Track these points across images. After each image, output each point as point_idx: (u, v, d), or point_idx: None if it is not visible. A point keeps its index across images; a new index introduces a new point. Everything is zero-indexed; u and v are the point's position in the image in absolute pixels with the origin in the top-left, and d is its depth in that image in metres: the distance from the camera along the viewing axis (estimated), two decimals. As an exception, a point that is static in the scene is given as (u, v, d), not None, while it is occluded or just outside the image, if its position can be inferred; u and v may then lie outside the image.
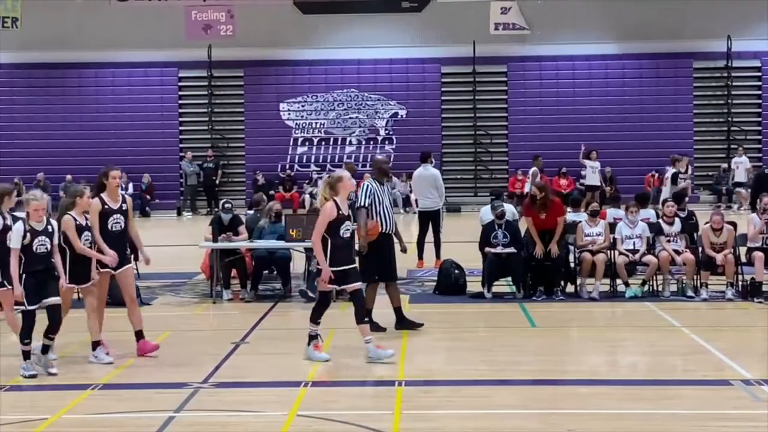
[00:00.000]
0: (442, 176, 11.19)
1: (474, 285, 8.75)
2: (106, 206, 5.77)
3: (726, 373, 5.12)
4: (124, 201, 5.82)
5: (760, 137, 20.19)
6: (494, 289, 8.52)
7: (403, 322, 6.61)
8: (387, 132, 20.47)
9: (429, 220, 10.78)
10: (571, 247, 8.27)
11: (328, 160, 20.09)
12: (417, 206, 12.19)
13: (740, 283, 7.85)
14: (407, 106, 20.60)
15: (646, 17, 20.02)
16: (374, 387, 5.17)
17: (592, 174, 17.96)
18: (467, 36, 20.24)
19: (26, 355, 5.06)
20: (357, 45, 20.76)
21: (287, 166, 20.11)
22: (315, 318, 5.55)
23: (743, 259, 7.92)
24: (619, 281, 7.94)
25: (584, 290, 7.92)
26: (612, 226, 8.40)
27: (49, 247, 5.10)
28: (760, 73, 20.56)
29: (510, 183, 18.72)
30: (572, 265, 8.35)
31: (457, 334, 7.26)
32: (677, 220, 8.26)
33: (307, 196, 18.58)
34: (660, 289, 8.00)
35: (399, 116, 20.51)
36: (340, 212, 5.50)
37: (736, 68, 20.41)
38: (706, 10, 19.93)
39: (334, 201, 5.48)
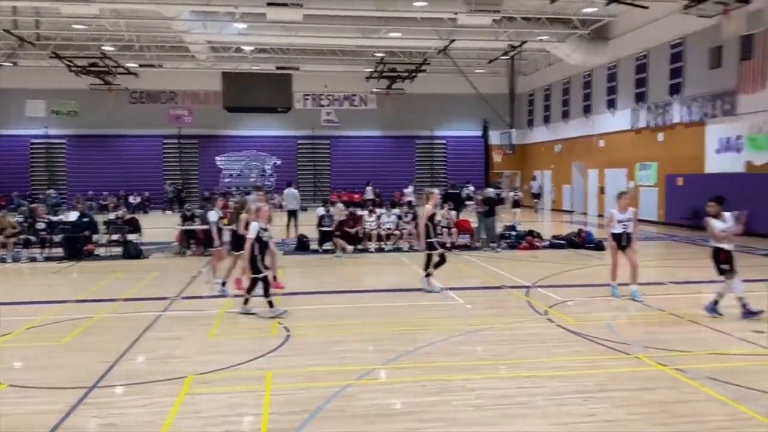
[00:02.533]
0: (299, 193, 21.85)
1: (314, 245, 17.17)
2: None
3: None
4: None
5: (445, 179, 41.38)
6: (324, 248, 16.81)
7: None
8: (270, 172, 39.71)
9: (292, 215, 19.33)
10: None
11: (240, 186, 38.85)
12: (285, 208, 20.45)
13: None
14: (281, 158, 39.81)
15: (394, 119, 40.30)
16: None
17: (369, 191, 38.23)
18: (310, 125, 39.63)
19: None
20: (256, 128, 38.81)
21: (218, 188, 38.72)
22: None
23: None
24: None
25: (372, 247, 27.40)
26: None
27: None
28: (446, 148, 41.82)
29: (331, 195, 38.52)
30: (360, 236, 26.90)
31: (303, 268, 14.91)
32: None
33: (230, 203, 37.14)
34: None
35: (277, 164, 39.79)
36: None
37: (435, 144, 41.80)
38: (421, 115, 40.28)
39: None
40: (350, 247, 16.61)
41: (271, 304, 9.26)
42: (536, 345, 7.66)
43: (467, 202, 27.85)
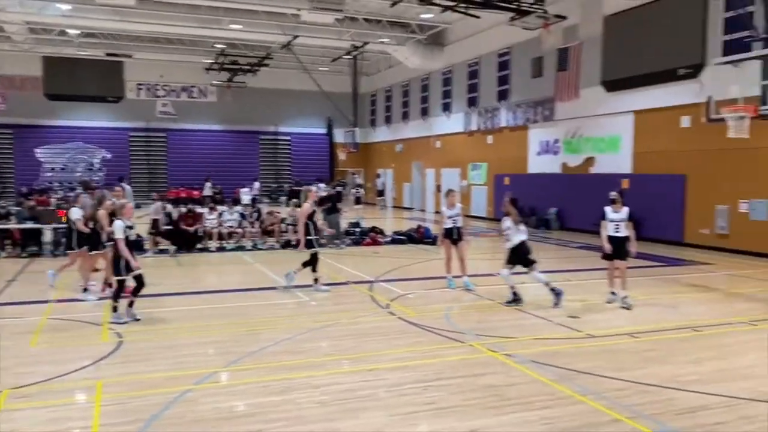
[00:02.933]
0: (131, 189, 27.80)
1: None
2: None
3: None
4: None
5: (290, 176, 41.30)
6: (161, 247, 19.03)
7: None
8: (99, 166, 36.93)
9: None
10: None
11: (65, 181, 35.74)
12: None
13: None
14: (111, 152, 37.16)
15: (236, 113, 39.42)
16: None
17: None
18: (144, 116, 37.47)
19: None
20: (83, 119, 35.87)
21: (40, 183, 35.27)
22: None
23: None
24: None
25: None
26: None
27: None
28: (290, 145, 41.79)
29: (168, 192, 36.72)
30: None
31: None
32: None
33: (53, 200, 34.03)
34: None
35: (106, 158, 37.10)
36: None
37: (280, 141, 41.55)
38: (264, 111, 39.82)
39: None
40: (173, 248, 15.87)
41: (115, 309, 8.65)
42: (379, 338, 7.88)
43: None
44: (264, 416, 5.31)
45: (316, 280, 10.97)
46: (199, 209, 18.53)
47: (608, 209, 9.66)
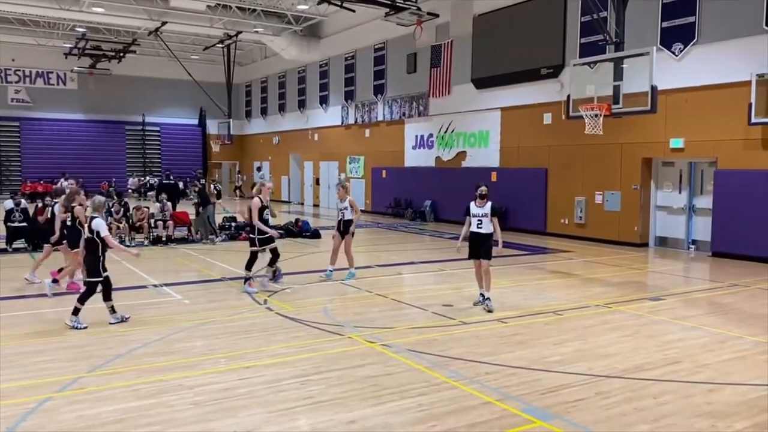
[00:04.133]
0: None
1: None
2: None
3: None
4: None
5: (159, 168, 39.42)
6: (15, 246, 22.87)
7: None
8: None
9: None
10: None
11: None
12: None
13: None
14: (-47, 141, 33.61)
15: (100, 102, 37.11)
16: None
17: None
18: (-8, 103, 34.55)
19: None
20: None
21: None
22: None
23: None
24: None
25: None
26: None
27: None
28: (160, 135, 39.98)
29: (23, 186, 33.82)
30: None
31: None
32: None
33: None
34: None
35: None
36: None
37: (148, 131, 39.55)
38: (131, 100, 37.92)
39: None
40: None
41: (114, 309, 8.23)
42: (256, 335, 7.74)
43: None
44: (134, 421, 5.05)
45: (248, 279, 10.50)
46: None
47: (472, 204, 9.25)
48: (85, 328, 7.91)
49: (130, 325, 8.19)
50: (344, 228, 11.34)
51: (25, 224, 15.29)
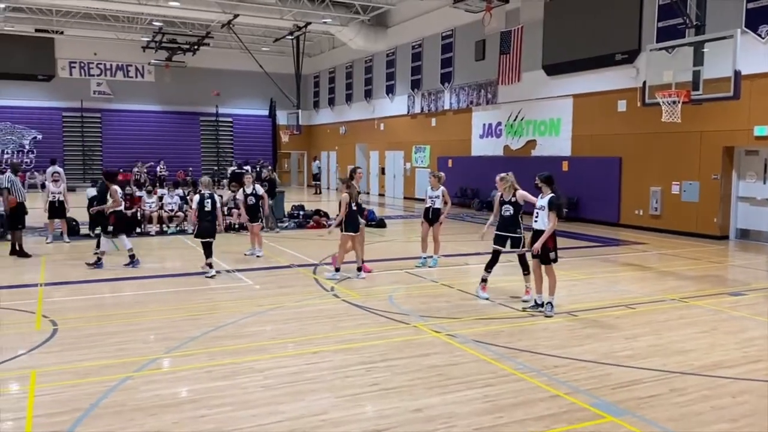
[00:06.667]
0: (64, 171, 26.95)
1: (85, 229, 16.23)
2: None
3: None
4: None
5: (232, 158, 40.49)
6: (97, 232, 18.20)
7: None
8: (30, 148, 35.30)
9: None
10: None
11: (-8, 162, 33.95)
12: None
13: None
14: (43, 132, 35.62)
15: (176, 93, 38.40)
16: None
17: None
18: (77, 96, 36.07)
19: None
20: (10, 98, 34.16)
21: None
22: None
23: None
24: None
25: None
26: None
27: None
28: (232, 126, 40.95)
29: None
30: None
31: (71, 255, 14.88)
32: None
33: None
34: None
35: (37, 139, 35.51)
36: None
37: (222, 122, 40.65)
38: (205, 91, 38.97)
39: None
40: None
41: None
42: (323, 321, 7.87)
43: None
44: (208, 402, 5.23)
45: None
46: (138, 192, 17.92)
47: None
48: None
49: (205, 309, 8.48)
50: (433, 216, 11.62)
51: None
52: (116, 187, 11.74)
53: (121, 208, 11.82)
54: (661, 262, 12.77)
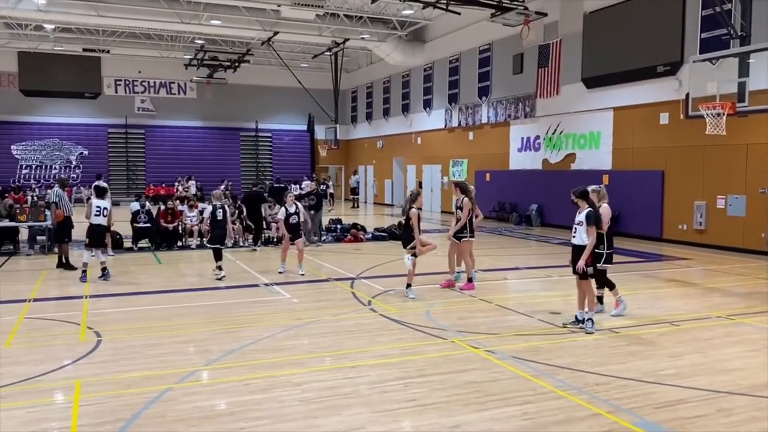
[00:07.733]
0: (109, 186, 27.44)
1: (128, 242, 16.37)
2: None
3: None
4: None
5: (271, 173, 40.93)
6: (140, 245, 16.21)
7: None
8: (76, 164, 36.40)
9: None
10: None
11: (42, 178, 35.19)
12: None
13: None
14: (89, 148, 36.74)
15: (217, 110, 39.23)
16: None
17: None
18: (122, 112, 37.15)
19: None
20: (59, 115, 35.49)
21: (16, 180, 34.69)
22: None
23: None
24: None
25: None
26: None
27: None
28: (271, 140, 41.51)
29: (147, 189, 36.34)
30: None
31: (116, 268, 14.25)
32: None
33: (28, 197, 33.47)
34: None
35: (84, 154, 36.61)
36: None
37: (261, 137, 41.23)
38: (245, 107, 39.70)
39: None
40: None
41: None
42: (361, 335, 7.87)
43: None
44: (246, 414, 5.27)
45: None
46: (180, 206, 18.27)
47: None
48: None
49: (243, 322, 8.57)
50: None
51: (149, 225, 16.38)
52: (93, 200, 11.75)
53: (99, 221, 11.65)
54: (706, 278, 12.42)
